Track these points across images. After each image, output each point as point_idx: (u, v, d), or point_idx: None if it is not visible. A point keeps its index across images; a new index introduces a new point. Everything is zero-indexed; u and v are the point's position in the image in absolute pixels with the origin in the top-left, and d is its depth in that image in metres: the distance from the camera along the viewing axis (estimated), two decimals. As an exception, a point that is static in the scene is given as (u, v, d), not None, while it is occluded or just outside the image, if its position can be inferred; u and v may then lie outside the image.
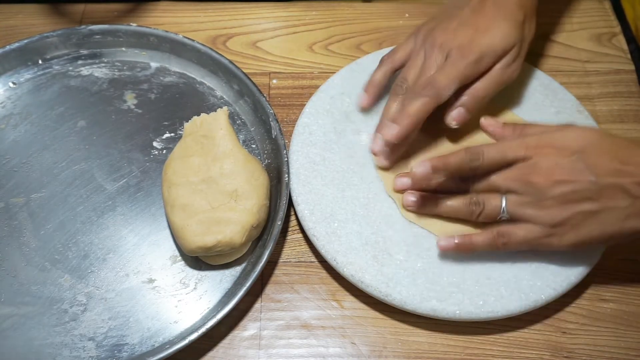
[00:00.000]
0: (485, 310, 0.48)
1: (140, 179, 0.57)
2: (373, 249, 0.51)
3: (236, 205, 0.50)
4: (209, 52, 0.61)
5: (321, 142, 0.57)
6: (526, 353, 0.50)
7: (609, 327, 0.51)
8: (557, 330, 0.51)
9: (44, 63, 0.63)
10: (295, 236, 0.56)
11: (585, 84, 0.65)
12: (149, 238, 0.54)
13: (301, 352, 0.50)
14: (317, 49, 0.67)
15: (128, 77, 0.63)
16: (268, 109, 0.57)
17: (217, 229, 0.49)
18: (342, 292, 0.53)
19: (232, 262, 0.53)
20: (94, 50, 0.64)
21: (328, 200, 0.54)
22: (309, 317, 0.52)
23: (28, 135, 0.59)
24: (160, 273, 0.52)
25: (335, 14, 0.70)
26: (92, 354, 0.49)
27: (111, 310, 0.51)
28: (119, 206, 0.56)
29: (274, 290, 0.53)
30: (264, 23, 0.69)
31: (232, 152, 0.52)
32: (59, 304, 0.51)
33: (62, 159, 0.58)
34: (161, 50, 0.63)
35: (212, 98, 0.62)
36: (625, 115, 0.62)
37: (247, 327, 0.51)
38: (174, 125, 0.60)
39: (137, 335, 0.50)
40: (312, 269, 0.54)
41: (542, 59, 0.66)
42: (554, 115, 0.58)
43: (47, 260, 0.53)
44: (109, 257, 0.53)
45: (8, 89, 0.62)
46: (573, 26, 0.69)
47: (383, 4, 0.71)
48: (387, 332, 0.51)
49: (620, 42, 0.68)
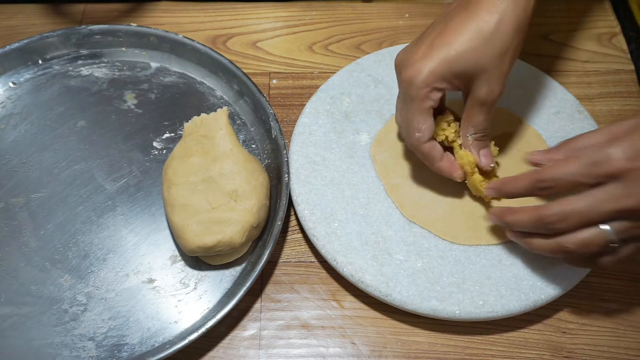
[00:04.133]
0: (485, 310, 0.48)
1: (140, 179, 0.57)
2: (373, 249, 0.51)
3: (236, 205, 0.50)
4: (209, 52, 0.61)
5: (321, 142, 0.57)
6: (526, 353, 0.50)
7: (609, 327, 0.51)
8: (557, 330, 0.51)
9: (44, 63, 0.63)
10: (295, 236, 0.56)
11: (585, 84, 0.65)
12: (149, 238, 0.54)
13: (301, 352, 0.50)
14: (317, 49, 0.67)
15: (128, 77, 0.63)
16: (268, 109, 0.57)
17: (217, 229, 0.49)
18: (342, 292, 0.53)
19: (232, 262, 0.53)
20: (94, 50, 0.64)
21: (328, 200, 0.54)
22: (309, 317, 0.52)
23: (28, 135, 0.59)
24: (160, 273, 0.52)
25: (335, 14, 0.70)
26: (92, 354, 0.49)
27: (111, 310, 0.51)
28: (119, 206, 0.56)
29: (274, 290, 0.53)
30: (264, 23, 0.69)
31: (232, 152, 0.52)
32: (59, 304, 0.51)
33: (62, 159, 0.58)
34: (161, 50, 0.63)
35: (212, 98, 0.62)
36: (625, 115, 0.62)
37: (247, 327, 0.51)
38: (174, 125, 0.60)
39: (137, 335, 0.50)
40: (312, 269, 0.54)
41: (542, 59, 0.66)
42: (554, 115, 0.58)
43: (47, 260, 0.53)
44: (109, 257, 0.53)
45: (8, 89, 0.62)
46: (573, 26, 0.69)
47: (383, 4, 0.71)
48: (387, 332, 0.51)
49: (620, 42, 0.68)
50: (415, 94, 0.47)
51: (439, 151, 0.50)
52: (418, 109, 0.47)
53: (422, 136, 0.49)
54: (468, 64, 0.46)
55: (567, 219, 0.42)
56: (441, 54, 0.46)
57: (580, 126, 0.58)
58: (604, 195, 0.40)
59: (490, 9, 0.46)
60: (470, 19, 0.46)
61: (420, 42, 0.48)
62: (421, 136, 0.49)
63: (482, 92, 0.47)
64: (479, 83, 0.47)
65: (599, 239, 0.42)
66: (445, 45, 0.46)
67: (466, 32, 0.46)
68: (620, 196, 0.40)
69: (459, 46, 0.45)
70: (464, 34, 0.46)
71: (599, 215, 0.41)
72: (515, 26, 0.46)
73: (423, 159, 0.51)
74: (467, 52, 0.45)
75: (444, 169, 0.51)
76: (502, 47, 0.46)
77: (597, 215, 0.41)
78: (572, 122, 0.58)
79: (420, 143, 0.49)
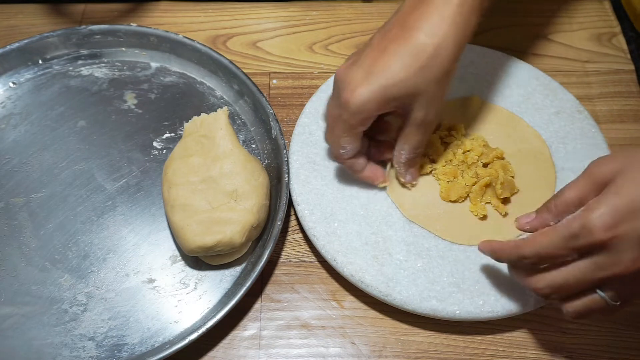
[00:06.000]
0: (485, 310, 0.48)
1: (140, 179, 0.57)
2: (373, 249, 0.51)
3: (236, 205, 0.50)
4: (209, 52, 0.61)
5: (321, 142, 0.57)
6: (526, 353, 0.50)
7: (609, 327, 0.51)
8: (557, 330, 0.51)
9: (44, 63, 0.63)
10: (295, 236, 0.56)
11: (585, 83, 0.65)
12: (149, 238, 0.54)
13: (301, 352, 0.50)
14: (317, 49, 0.67)
15: (128, 77, 0.63)
16: (268, 109, 0.57)
17: (217, 229, 0.49)
18: (342, 292, 0.53)
19: (232, 262, 0.53)
20: (94, 50, 0.64)
21: (328, 200, 0.54)
22: (309, 317, 0.52)
23: (28, 135, 0.59)
24: (160, 273, 0.52)
25: (335, 14, 0.70)
26: (92, 354, 0.49)
27: (111, 310, 0.51)
28: (119, 206, 0.56)
29: (274, 290, 0.53)
30: (264, 23, 0.69)
31: (232, 152, 0.52)
32: (59, 304, 0.51)
33: (62, 159, 0.58)
34: (161, 50, 0.63)
35: (212, 98, 0.62)
36: (625, 115, 0.62)
37: (247, 327, 0.51)
38: (174, 125, 0.60)
39: (137, 335, 0.50)
40: (312, 269, 0.54)
41: (542, 59, 0.66)
42: (554, 115, 0.58)
43: (47, 260, 0.53)
44: (109, 257, 0.53)
45: (8, 89, 0.62)
46: (573, 26, 0.69)
47: (383, 4, 0.71)
48: (387, 332, 0.51)
49: (620, 42, 0.68)
50: (349, 118, 0.47)
51: (361, 164, 0.52)
52: (348, 130, 0.48)
53: (345, 153, 0.50)
54: (406, 89, 0.45)
55: (558, 291, 0.41)
56: (380, 80, 0.45)
57: (580, 126, 0.58)
58: (589, 267, 0.39)
59: (428, 32, 0.44)
60: (408, 41, 0.45)
61: (359, 63, 0.46)
62: (345, 153, 0.50)
63: (420, 115, 0.47)
64: (416, 106, 0.47)
65: (595, 305, 0.41)
66: (383, 70, 0.45)
67: (404, 57, 0.44)
68: (605, 265, 0.38)
69: (397, 72, 0.44)
70: (402, 59, 0.45)
71: (589, 285, 0.40)
72: (455, 51, 0.45)
73: (347, 168, 0.53)
74: (406, 78, 0.45)
75: (367, 178, 0.53)
76: (440, 72, 0.45)
77: (586, 286, 0.40)
78: (572, 122, 0.58)
79: (343, 159, 0.51)
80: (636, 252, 0.37)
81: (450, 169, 0.54)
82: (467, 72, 0.61)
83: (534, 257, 0.41)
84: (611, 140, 0.59)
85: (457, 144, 0.55)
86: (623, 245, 0.37)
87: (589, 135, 0.57)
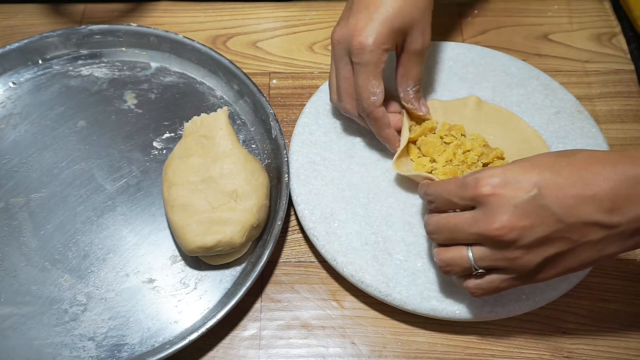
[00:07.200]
0: (485, 310, 0.48)
1: (140, 179, 0.57)
2: (373, 249, 0.51)
3: (236, 205, 0.50)
4: (209, 52, 0.61)
5: (321, 142, 0.57)
6: (526, 353, 0.50)
7: (609, 327, 0.51)
8: (557, 330, 0.51)
9: (44, 63, 0.63)
10: (295, 236, 0.56)
11: (585, 83, 0.65)
12: (149, 238, 0.54)
13: (301, 352, 0.50)
14: (317, 49, 0.67)
15: (128, 77, 0.63)
16: (268, 109, 0.57)
17: (217, 229, 0.49)
18: (342, 292, 0.53)
19: (232, 262, 0.53)
20: (94, 50, 0.64)
21: (328, 200, 0.54)
22: (309, 317, 0.52)
23: (28, 135, 0.59)
24: (160, 273, 0.52)
25: (335, 14, 0.69)
26: (92, 354, 0.49)
27: (111, 310, 0.51)
28: (119, 206, 0.56)
29: (274, 290, 0.53)
30: (264, 23, 0.69)
31: (232, 152, 0.52)
32: (59, 304, 0.51)
33: (62, 159, 0.58)
34: (161, 50, 0.63)
35: (212, 98, 0.62)
36: (625, 115, 0.63)
37: (247, 327, 0.51)
38: (174, 125, 0.60)
39: (137, 335, 0.50)
40: (312, 269, 0.54)
41: (542, 59, 0.66)
42: (554, 115, 0.58)
43: (47, 260, 0.53)
44: (109, 257, 0.53)
45: (8, 89, 0.62)
46: (573, 26, 0.69)
47: (383, 4, 0.71)
48: (387, 332, 0.51)
49: (620, 42, 0.68)
50: (369, 58, 0.50)
51: (389, 118, 0.54)
52: (372, 73, 0.50)
53: (377, 100, 0.51)
54: (404, 19, 0.50)
55: (439, 232, 0.43)
56: (381, 15, 0.49)
57: (580, 126, 0.58)
58: (467, 218, 0.41)
59: None
60: None
61: (353, 13, 0.51)
62: (376, 100, 0.51)
63: (418, 43, 0.52)
64: (413, 35, 0.51)
65: (461, 261, 0.42)
66: (381, 6, 0.50)
67: None
68: (479, 220, 0.40)
69: (393, 4, 0.50)
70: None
71: (463, 237, 0.42)
72: None
73: (374, 124, 0.53)
74: (401, 9, 0.50)
75: (392, 137, 0.54)
76: (425, 2, 0.51)
77: (461, 236, 0.42)
78: (572, 122, 0.58)
79: (375, 107, 0.52)
80: (508, 217, 0.39)
81: (451, 169, 0.54)
82: (467, 72, 0.61)
83: (433, 197, 0.44)
84: (611, 140, 0.59)
85: (457, 144, 0.55)
86: (499, 206, 0.39)
87: (589, 135, 0.57)
